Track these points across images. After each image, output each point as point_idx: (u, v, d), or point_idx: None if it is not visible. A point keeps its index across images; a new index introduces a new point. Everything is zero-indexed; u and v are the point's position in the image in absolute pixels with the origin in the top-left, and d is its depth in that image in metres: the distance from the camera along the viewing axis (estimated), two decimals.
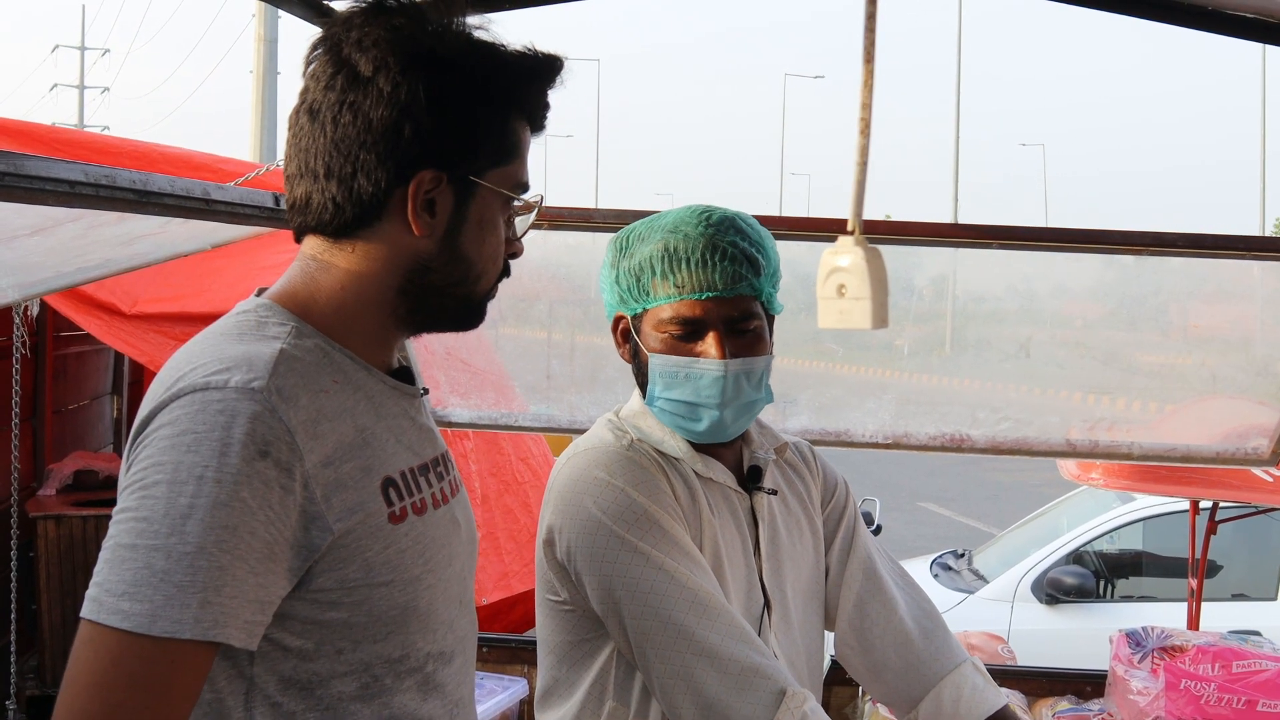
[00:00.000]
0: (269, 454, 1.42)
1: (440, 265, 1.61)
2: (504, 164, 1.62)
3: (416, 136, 1.54)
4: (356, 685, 1.55)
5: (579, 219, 3.35)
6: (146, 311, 4.98)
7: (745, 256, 2.09)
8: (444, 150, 1.56)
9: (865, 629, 2.33)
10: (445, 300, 1.64)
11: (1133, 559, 8.34)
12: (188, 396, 1.44)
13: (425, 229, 1.58)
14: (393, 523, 1.54)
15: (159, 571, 1.36)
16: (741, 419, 2.14)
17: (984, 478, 18.19)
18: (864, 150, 2.84)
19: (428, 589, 1.60)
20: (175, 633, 1.35)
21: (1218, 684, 3.22)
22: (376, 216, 1.58)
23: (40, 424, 6.63)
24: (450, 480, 1.72)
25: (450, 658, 1.67)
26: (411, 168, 1.55)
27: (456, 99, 1.55)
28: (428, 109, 1.54)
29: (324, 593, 1.50)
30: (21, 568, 5.79)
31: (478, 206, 1.61)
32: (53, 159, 1.98)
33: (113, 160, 4.52)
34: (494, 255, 1.66)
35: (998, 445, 3.70)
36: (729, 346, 2.08)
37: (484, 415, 3.91)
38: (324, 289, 1.61)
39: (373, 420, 1.58)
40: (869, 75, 2.70)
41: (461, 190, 1.59)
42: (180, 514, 1.37)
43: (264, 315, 1.57)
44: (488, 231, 1.63)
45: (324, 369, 1.54)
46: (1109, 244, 3.30)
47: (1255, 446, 3.65)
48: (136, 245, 3.01)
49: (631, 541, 2.00)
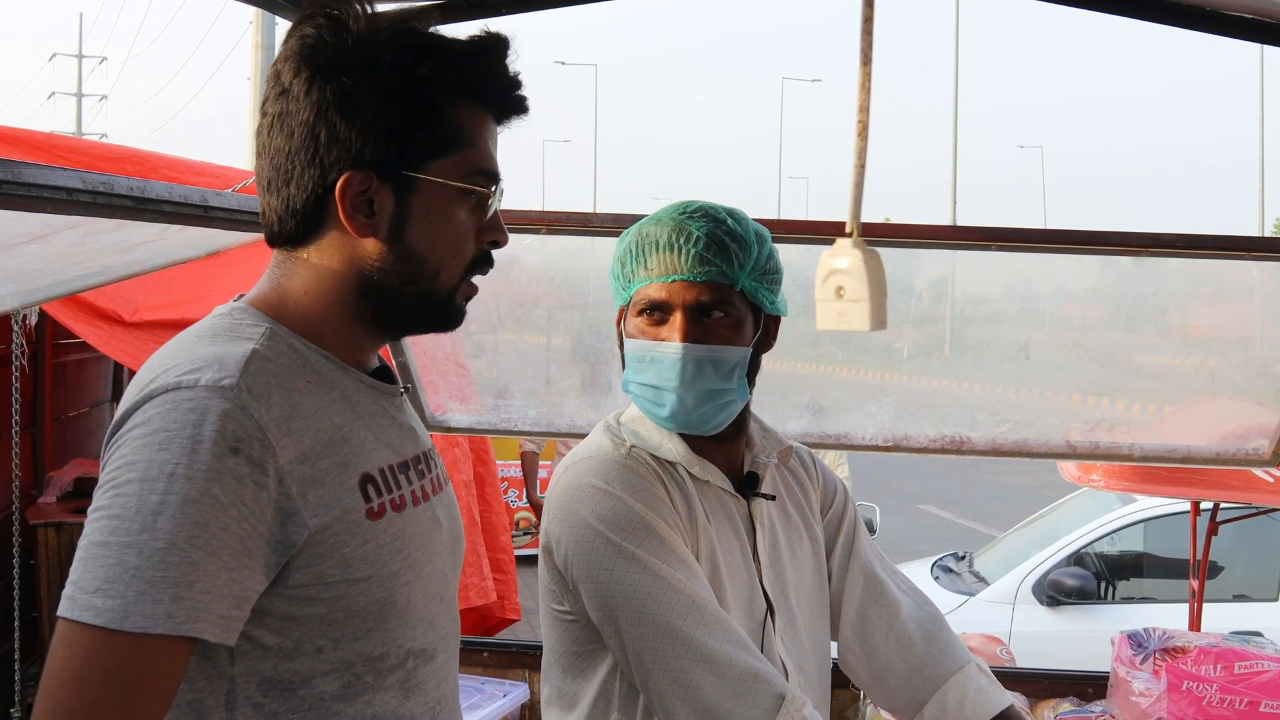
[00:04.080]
0: (240, 450, 1.43)
1: (391, 265, 1.61)
2: (448, 154, 1.61)
3: (333, 140, 1.56)
4: (339, 685, 1.56)
5: (577, 223, 3.35)
6: (147, 319, 4.98)
7: (715, 242, 2.08)
8: (364, 150, 1.56)
9: (868, 635, 2.32)
10: (404, 300, 1.64)
11: (1133, 560, 8.33)
12: (160, 397, 1.46)
13: (364, 230, 1.59)
14: (371, 519, 1.56)
15: (130, 568, 1.37)
16: (705, 407, 2.12)
17: (984, 480, 18.19)
18: (862, 152, 2.84)
19: (406, 585, 1.61)
20: (148, 628, 1.37)
21: (1220, 685, 3.21)
22: (320, 223, 1.60)
23: (40, 432, 6.63)
24: (433, 478, 1.73)
25: (431, 656, 1.68)
26: (335, 171, 1.57)
27: (371, 97, 1.55)
28: (340, 111, 1.55)
29: (302, 588, 1.51)
30: (22, 575, 5.78)
31: (421, 201, 1.60)
32: (50, 166, 1.98)
33: (111, 168, 4.52)
34: (452, 249, 1.64)
35: (998, 447, 3.70)
36: (692, 331, 2.08)
37: (483, 420, 3.91)
38: (291, 294, 1.63)
39: (349, 418, 1.59)
40: (866, 77, 2.71)
41: (400, 187, 1.59)
42: (151, 511, 1.39)
43: (239, 318, 1.59)
44: (438, 225, 1.62)
45: (297, 368, 1.56)
46: (1108, 245, 3.30)
47: (1255, 447, 3.64)
48: (135, 252, 3.00)
49: (628, 549, 1.99)
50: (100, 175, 2.11)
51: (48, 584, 5.83)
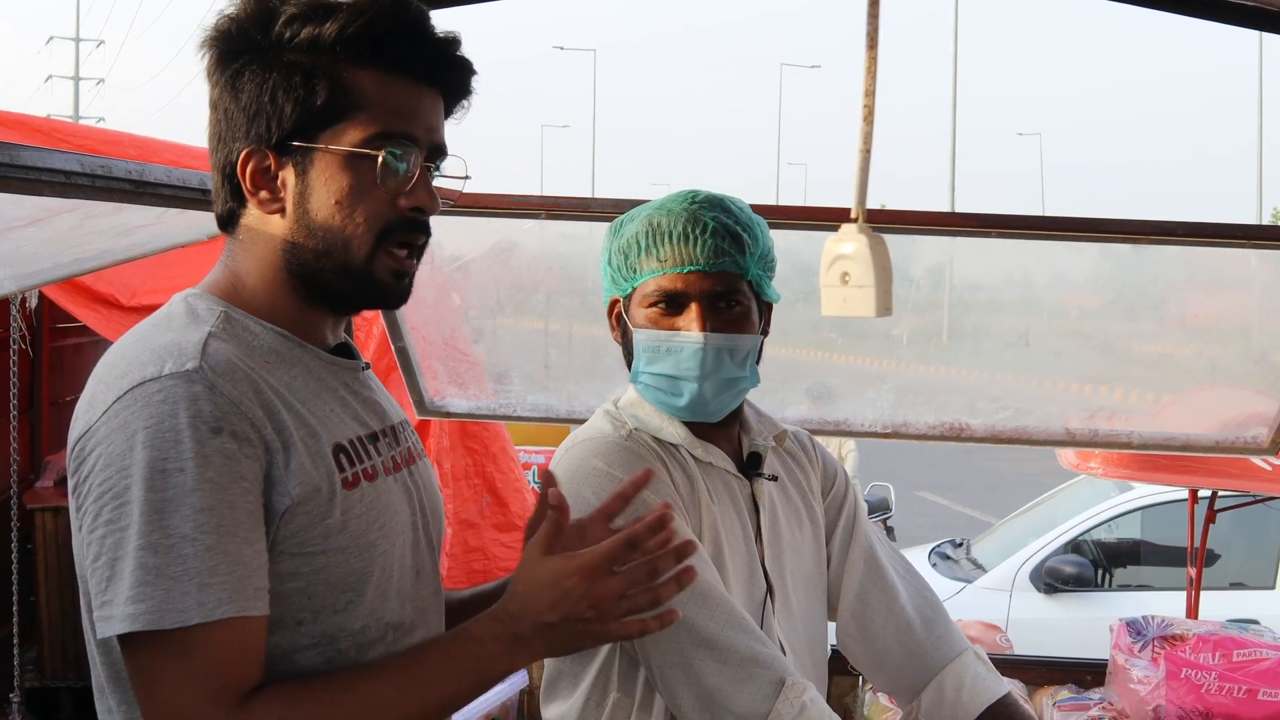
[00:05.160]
0: (222, 429, 1.45)
1: (302, 239, 1.61)
2: (342, 121, 1.59)
3: (229, 121, 1.60)
4: (321, 659, 1.57)
5: (576, 209, 3.35)
6: (145, 303, 4.96)
7: (728, 232, 2.10)
8: (251, 126, 1.59)
9: (867, 618, 2.33)
10: (325, 275, 1.62)
11: (1131, 548, 8.35)
12: (128, 395, 1.47)
13: (270, 207, 1.61)
14: (346, 488, 1.57)
15: (152, 569, 1.40)
16: (723, 395, 2.14)
17: (982, 467, 18.20)
18: (867, 137, 2.83)
19: (383, 555, 1.62)
20: (183, 621, 1.40)
21: (1218, 673, 3.22)
22: (240, 204, 1.63)
23: (38, 416, 6.61)
24: (403, 450, 1.74)
25: (410, 629, 1.68)
26: (235, 151, 1.60)
27: (256, 74, 1.58)
28: (230, 90, 1.59)
29: (286, 558, 1.52)
30: (20, 559, 5.78)
31: (319, 171, 1.60)
32: (48, 149, 1.98)
33: (109, 153, 4.50)
34: (361, 218, 1.60)
35: (997, 434, 3.70)
36: (710, 321, 2.09)
37: (482, 405, 3.91)
38: (240, 277, 1.65)
39: (314, 391, 1.61)
40: (872, 62, 2.69)
41: (298, 160, 1.60)
42: (155, 510, 1.41)
43: (193, 303, 1.61)
44: (336, 194, 1.59)
45: (255, 348, 1.58)
46: (1106, 233, 3.30)
47: (1254, 435, 3.64)
48: (133, 236, 3.00)
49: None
50: (99, 158, 2.11)
51: (45, 568, 5.82)
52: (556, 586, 1.55)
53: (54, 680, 5.84)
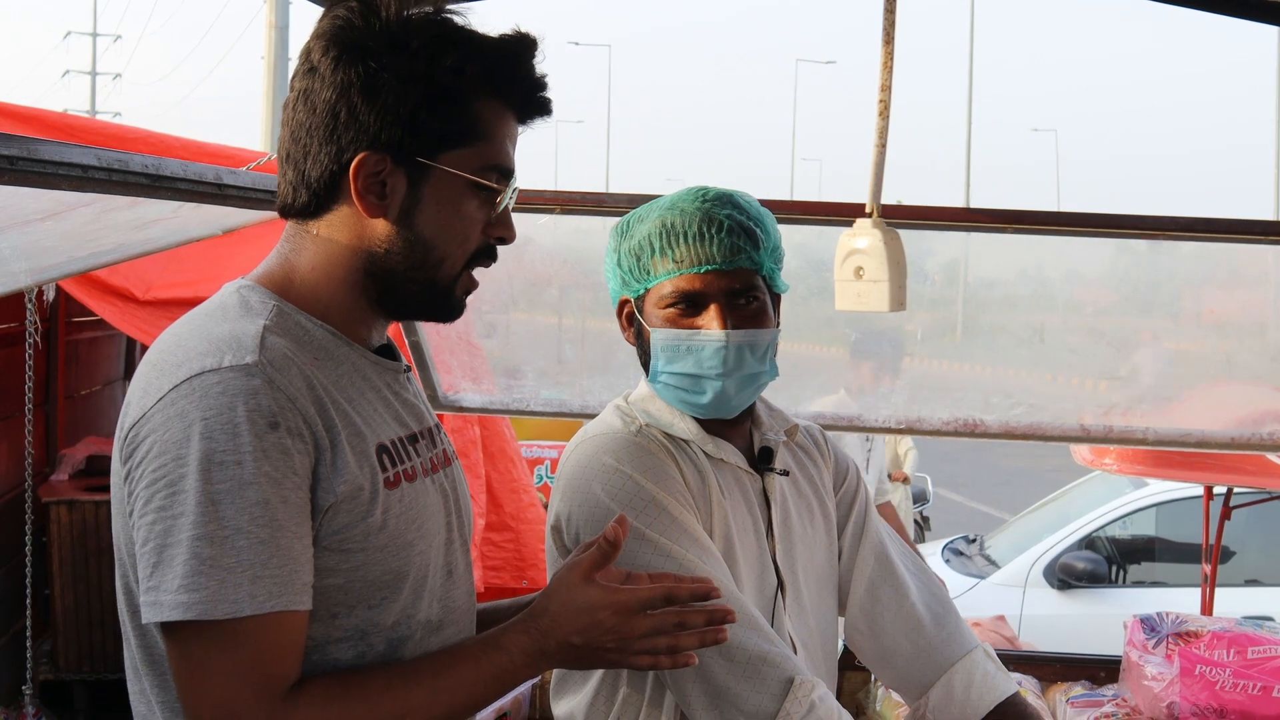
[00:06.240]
0: (278, 424, 1.47)
1: (397, 248, 1.64)
2: (464, 146, 1.63)
3: (352, 119, 1.59)
4: (353, 653, 1.59)
5: (590, 204, 3.35)
6: (160, 297, 4.98)
7: (743, 229, 2.10)
8: (381, 132, 1.59)
9: (877, 614, 2.33)
10: (409, 285, 1.66)
11: (1145, 544, 8.32)
12: (186, 384, 1.48)
13: (375, 210, 1.62)
14: (388, 488, 1.59)
15: (207, 559, 1.43)
16: (745, 391, 2.14)
17: (996, 463, 18.18)
18: (883, 132, 2.83)
19: (419, 554, 1.65)
20: (234, 613, 1.43)
21: (1233, 670, 3.21)
22: (333, 199, 1.63)
23: (53, 409, 6.63)
24: (439, 452, 1.77)
25: (439, 627, 1.70)
26: (352, 151, 1.60)
27: (393, 82, 1.58)
28: (362, 92, 1.58)
29: (324, 554, 1.54)
30: (35, 552, 5.80)
31: (433, 189, 1.63)
32: (66, 144, 1.99)
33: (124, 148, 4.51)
34: (458, 239, 1.66)
35: (1011, 430, 3.69)
36: (731, 318, 2.09)
37: (495, 400, 3.92)
38: (298, 270, 1.66)
39: (359, 391, 1.63)
40: (888, 56, 2.69)
41: (414, 173, 1.62)
42: (212, 500, 1.43)
43: (246, 295, 1.62)
44: (447, 214, 1.64)
45: (305, 344, 1.59)
46: (1122, 229, 3.28)
47: (1271, 432, 3.63)
48: (149, 230, 3.01)
49: (639, 529, 1.99)
50: (115, 153, 2.12)
51: (59, 561, 5.84)
52: (589, 614, 1.62)
53: (68, 673, 5.84)
